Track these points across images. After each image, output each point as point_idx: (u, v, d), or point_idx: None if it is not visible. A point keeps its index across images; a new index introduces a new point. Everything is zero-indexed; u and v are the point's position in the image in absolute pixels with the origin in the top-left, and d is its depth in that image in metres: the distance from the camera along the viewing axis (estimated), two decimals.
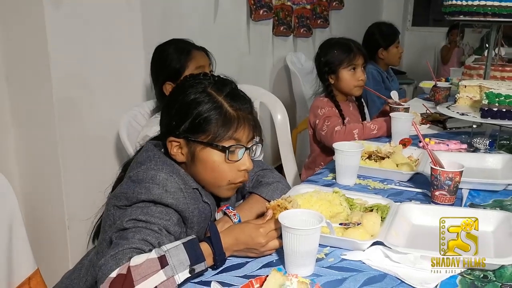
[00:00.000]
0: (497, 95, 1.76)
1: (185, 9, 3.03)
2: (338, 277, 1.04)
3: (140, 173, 1.14)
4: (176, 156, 1.20)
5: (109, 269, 0.95)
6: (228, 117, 1.17)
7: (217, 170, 1.18)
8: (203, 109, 1.16)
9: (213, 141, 1.16)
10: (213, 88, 1.19)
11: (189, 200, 1.15)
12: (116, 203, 1.17)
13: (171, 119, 1.21)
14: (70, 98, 2.10)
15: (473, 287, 0.99)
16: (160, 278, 0.94)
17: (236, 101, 1.20)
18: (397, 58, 3.34)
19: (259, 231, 1.08)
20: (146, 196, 1.10)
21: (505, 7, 1.97)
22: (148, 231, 1.04)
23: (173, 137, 1.19)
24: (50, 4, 1.97)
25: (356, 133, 2.03)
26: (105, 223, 1.22)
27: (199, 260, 0.99)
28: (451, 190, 1.35)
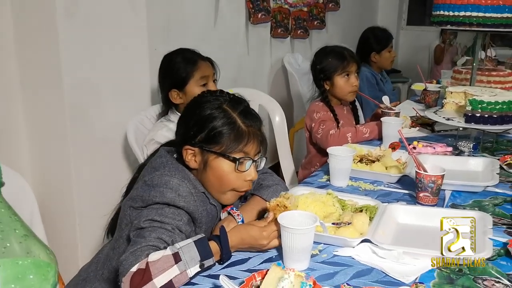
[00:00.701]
0: (480, 102, 1.89)
1: (187, 16, 3.15)
2: (330, 271, 1.17)
3: (155, 178, 1.27)
4: (190, 162, 1.34)
5: (129, 264, 1.08)
6: (240, 132, 1.31)
7: (225, 178, 1.32)
8: (219, 124, 1.30)
9: (225, 152, 1.30)
10: (228, 105, 1.34)
11: (198, 203, 1.28)
12: (132, 205, 1.30)
13: (189, 130, 1.34)
14: (81, 102, 2.21)
15: (449, 279, 1.13)
16: (174, 272, 1.07)
17: (248, 119, 1.34)
18: (389, 62, 3.46)
19: (263, 234, 1.21)
20: (160, 199, 1.23)
21: (489, 17, 2.10)
22: (163, 230, 1.17)
23: (189, 145, 1.33)
24: (62, 14, 2.08)
25: (349, 136, 2.16)
26: (121, 221, 1.35)
27: (208, 256, 1.12)
28: (433, 192, 1.48)
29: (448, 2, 2.17)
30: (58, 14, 2.07)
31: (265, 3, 3.86)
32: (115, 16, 2.30)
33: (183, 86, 2.05)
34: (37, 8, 2.10)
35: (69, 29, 2.11)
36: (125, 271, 1.08)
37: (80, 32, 2.16)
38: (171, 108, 2.15)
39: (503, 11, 2.09)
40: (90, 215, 2.31)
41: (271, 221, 1.24)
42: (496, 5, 2.08)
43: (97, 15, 2.22)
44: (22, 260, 0.57)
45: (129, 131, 2.21)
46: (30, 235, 0.59)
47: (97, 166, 2.34)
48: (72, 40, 2.13)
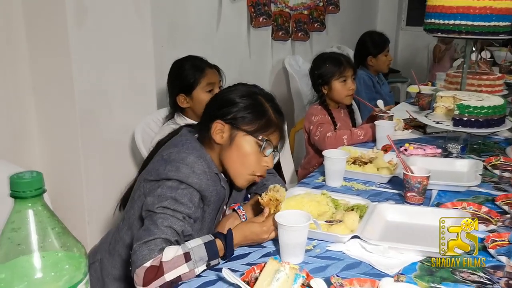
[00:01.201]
0: (467, 107, 2.01)
1: (190, 21, 3.28)
2: (323, 264, 1.29)
3: (173, 154, 1.37)
4: (216, 137, 1.43)
5: (143, 256, 1.19)
6: (271, 120, 1.45)
7: (248, 157, 1.43)
8: (254, 108, 1.44)
9: (255, 133, 1.42)
10: (262, 97, 1.47)
11: (210, 182, 1.39)
12: (146, 177, 1.40)
13: (222, 106, 1.45)
14: (91, 107, 2.31)
15: (429, 272, 1.25)
16: (184, 269, 1.19)
17: (278, 113, 1.48)
18: (386, 66, 3.57)
19: (263, 229, 1.34)
20: (175, 174, 1.33)
21: (476, 26, 2.21)
22: (174, 220, 1.27)
23: (221, 120, 1.43)
24: (73, 23, 2.19)
25: (345, 138, 2.28)
26: (134, 193, 1.46)
27: (215, 257, 1.25)
28: (420, 191, 1.60)
29: (438, 11, 2.29)
30: (68, 23, 2.17)
31: (266, 8, 3.98)
32: (122, 24, 2.41)
33: (190, 91, 2.17)
34: (49, 17, 2.21)
35: (79, 37, 2.22)
36: (139, 263, 1.19)
37: (89, 40, 2.27)
38: (178, 112, 2.27)
39: (491, 19, 2.21)
40: (99, 212, 2.43)
41: (268, 216, 1.36)
42: (484, 14, 2.19)
43: (105, 23, 2.33)
44: (60, 253, 0.69)
45: (136, 134, 2.33)
46: (65, 232, 0.71)
47: (106, 167, 2.45)
48: (82, 47, 2.24)
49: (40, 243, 0.68)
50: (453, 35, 2.28)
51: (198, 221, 1.40)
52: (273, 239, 1.37)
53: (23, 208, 0.67)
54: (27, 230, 0.67)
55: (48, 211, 0.69)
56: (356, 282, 1.17)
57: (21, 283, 0.67)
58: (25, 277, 0.67)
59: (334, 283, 1.15)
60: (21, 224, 0.67)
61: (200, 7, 3.39)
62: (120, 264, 1.47)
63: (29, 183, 0.66)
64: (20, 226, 0.67)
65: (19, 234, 0.67)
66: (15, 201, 0.67)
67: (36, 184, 0.66)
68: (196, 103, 2.18)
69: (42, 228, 0.68)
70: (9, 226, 0.67)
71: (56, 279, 0.68)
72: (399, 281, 1.17)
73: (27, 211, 0.67)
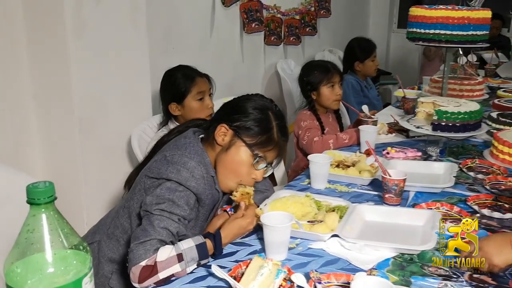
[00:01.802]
0: (445, 112, 2.13)
1: (184, 29, 3.39)
2: (304, 260, 1.41)
3: (176, 157, 1.47)
4: (218, 138, 1.53)
5: (139, 256, 1.30)
6: (271, 139, 1.54)
7: (239, 166, 1.53)
8: (259, 123, 1.53)
9: (252, 146, 1.52)
10: (272, 114, 1.57)
11: (207, 186, 1.50)
12: (148, 174, 1.51)
13: (231, 112, 1.56)
14: (89, 114, 2.42)
15: (401, 267, 1.37)
16: (176, 269, 1.31)
17: (282, 132, 1.58)
18: (373, 70, 3.69)
19: (247, 221, 1.47)
20: (175, 176, 1.43)
21: (455, 35, 2.33)
22: (170, 221, 1.38)
23: (226, 124, 1.53)
24: (72, 34, 2.30)
25: (331, 143, 2.40)
26: (136, 186, 1.56)
27: (205, 257, 1.36)
28: (397, 193, 1.73)
29: (420, 20, 2.40)
30: (68, 34, 2.29)
31: (259, 14, 4.10)
32: (119, 35, 2.52)
33: (182, 100, 2.29)
34: (49, 30, 2.32)
35: (78, 48, 2.32)
36: (135, 261, 1.30)
37: (87, 50, 2.37)
38: (171, 119, 2.38)
39: (469, 29, 2.32)
40: (97, 214, 2.53)
41: (245, 208, 1.49)
42: (462, 24, 2.31)
43: (103, 35, 2.43)
44: (68, 250, 0.82)
45: (133, 139, 2.44)
46: (73, 233, 0.83)
47: (103, 171, 2.56)
48: (81, 58, 2.34)
49: (52, 242, 0.80)
50: (434, 43, 2.40)
51: (192, 220, 1.52)
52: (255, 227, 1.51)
53: (38, 213, 0.79)
54: (41, 231, 0.79)
55: (58, 215, 0.81)
56: (333, 276, 1.29)
57: (35, 277, 0.79)
58: (38, 271, 0.79)
59: (313, 277, 1.27)
60: (35, 226, 0.79)
61: (194, 14, 3.51)
62: (116, 248, 1.58)
63: (43, 192, 0.78)
64: (35, 228, 0.79)
65: (34, 235, 0.79)
66: (31, 207, 0.79)
67: (49, 193, 0.78)
68: (187, 111, 2.29)
69: (53, 230, 0.80)
70: (25, 228, 0.79)
71: (65, 273, 0.80)
72: (371, 275, 1.29)
73: (41, 215, 0.79)
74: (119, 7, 2.50)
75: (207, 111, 2.30)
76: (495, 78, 4.08)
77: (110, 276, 1.58)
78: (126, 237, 1.56)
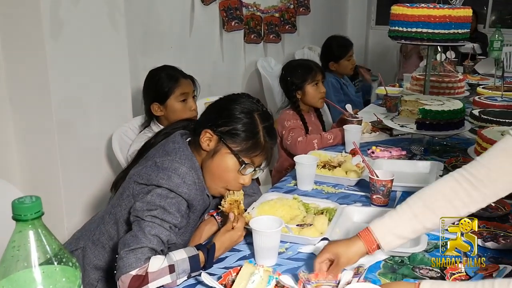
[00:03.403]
0: (428, 111, 2.14)
1: (164, 27, 3.35)
2: (295, 265, 1.39)
3: (166, 162, 1.43)
4: (203, 143, 1.49)
5: (129, 265, 1.26)
6: (258, 144, 1.49)
7: (226, 173, 1.49)
8: (245, 128, 1.48)
9: (238, 153, 1.47)
10: (259, 116, 1.51)
11: (198, 192, 1.46)
12: (137, 180, 1.45)
13: (217, 118, 1.50)
14: (68, 116, 2.36)
15: (392, 269, 1.36)
16: (167, 280, 1.27)
17: (270, 135, 1.53)
18: (349, 69, 3.66)
19: (238, 234, 1.44)
20: (166, 182, 1.39)
21: (437, 33, 2.34)
22: (161, 229, 1.34)
23: (211, 130, 1.48)
24: (49, 35, 2.24)
25: (315, 143, 2.39)
26: (123, 191, 1.51)
27: (197, 270, 1.32)
28: (384, 194, 1.72)
29: (401, 19, 2.41)
30: (45, 34, 2.23)
31: (238, 12, 4.07)
32: (97, 35, 2.46)
33: (164, 100, 2.24)
34: (25, 29, 2.26)
35: (55, 48, 2.26)
36: (125, 270, 1.26)
37: (65, 51, 2.31)
38: (153, 120, 2.34)
39: (450, 27, 2.34)
40: (78, 220, 2.49)
41: (234, 220, 1.46)
42: (443, 22, 2.32)
43: (81, 35, 2.38)
44: (57, 267, 0.78)
45: (113, 141, 2.38)
46: (62, 249, 0.79)
47: (83, 174, 2.50)
48: (59, 58, 2.28)
49: (39, 259, 0.76)
50: (416, 42, 2.40)
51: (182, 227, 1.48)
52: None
53: (24, 229, 0.75)
54: (28, 248, 0.75)
55: (46, 230, 0.77)
56: (321, 275, 1.27)
57: None
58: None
59: (301, 277, 1.25)
60: (21, 243, 0.75)
61: (173, 13, 3.47)
62: (102, 255, 1.54)
63: (29, 208, 0.74)
64: (21, 245, 0.75)
65: (21, 252, 0.75)
66: (17, 223, 0.75)
67: (35, 208, 0.74)
68: (170, 112, 2.25)
69: (41, 246, 0.76)
70: (11, 245, 0.75)
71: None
72: (358, 272, 1.27)
73: (28, 232, 0.75)
74: (98, 7, 2.45)
75: (189, 113, 2.26)
76: (474, 75, 4.12)
77: (96, 284, 1.54)
78: (112, 244, 1.52)
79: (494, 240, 1.49)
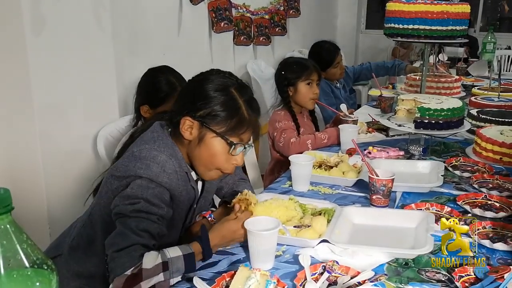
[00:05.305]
0: (427, 109, 2.06)
1: (151, 27, 3.25)
2: (292, 269, 1.30)
3: (144, 151, 1.32)
4: (185, 133, 1.37)
5: (123, 264, 1.15)
6: (243, 120, 1.38)
7: (216, 157, 1.38)
8: (224, 106, 1.35)
9: (224, 134, 1.36)
10: (236, 90, 1.39)
11: (180, 182, 1.36)
12: (114, 173, 1.35)
13: (193, 102, 1.37)
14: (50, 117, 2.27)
15: (396, 272, 1.28)
16: (160, 278, 1.17)
17: (252, 108, 1.41)
18: (338, 75, 3.51)
19: (239, 226, 1.34)
20: (144, 172, 1.29)
21: (434, 30, 2.27)
22: (149, 222, 1.24)
23: (190, 117, 1.36)
24: (30, 32, 2.14)
25: (309, 143, 2.30)
26: (102, 188, 1.40)
27: (192, 270, 1.23)
28: (385, 194, 1.63)
29: (397, 15, 2.33)
30: (26, 32, 2.13)
31: (227, 12, 3.99)
32: (82, 32, 2.37)
33: (157, 106, 2.12)
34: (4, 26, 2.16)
35: (37, 46, 2.17)
36: (119, 271, 1.15)
37: (48, 49, 2.22)
38: (141, 120, 2.23)
39: (448, 24, 2.27)
40: (61, 223, 2.37)
41: (238, 211, 1.37)
42: (441, 18, 2.25)
43: (64, 32, 2.29)
44: (30, 271, 0.68)
45: (99, 143, 2.29)
46: (34, 249, 0.69)
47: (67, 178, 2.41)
48: (41, 57, 2.19)
49: (9, 260, 0.66)
50: (412, 39, 2.33)
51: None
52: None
53: None
54: None
55: (16, 228, 0.67)
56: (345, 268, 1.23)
57: None
58: None
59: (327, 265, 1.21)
60: None
61: (160, 13, 3.37)
62: (83, 261, 1.44)
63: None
64: None
65: None
66: None
67: (4, 202, 0.64)
68: None
69: (11, 246, 0.66)
70: None
71: None
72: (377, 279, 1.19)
73: None
74: (82, 3, 2.35)
75: None
76: (468, 77, 4.07)
77: None
78: (93, 248, 1.42)
79: (502, 241, 1.41)
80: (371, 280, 1.22)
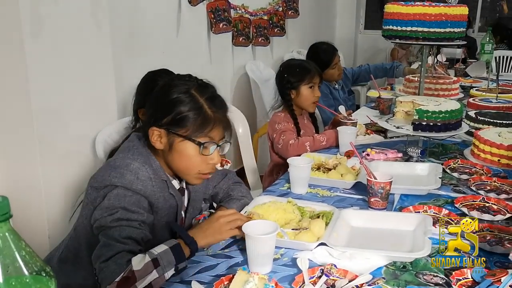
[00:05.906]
0: (425, 111, 2.06)
1: (149, 28, 3.25)
2: (291, 272, 1.30)
3: (118, 160, 1.35)
4: (156, 144, 1.40)
5: (112, 272, 1.17)
6: (206, 118, 1.38)
7: (190, 161, 1.40)
8: (186, 108, 1.37)
9: (191, 136, 1.37)
10: (196, 90, 1.40)
11: (156, 189, 1.37)
12: (92, 184, 1.37)
13: (156, 111, 1.40)
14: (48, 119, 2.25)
15: (394, 276, 1.28)
16: (154, 276, 1.18)
17: (215, 104, 1.41)
18: (336, 76, 3.51)
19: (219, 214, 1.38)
20: (119, 180, 1.31)
21: (433, 32, 2.28)
22: (131, 229, 1.26)
23: (155, 127, 1.39)
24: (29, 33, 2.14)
25: (308, 145, 2.30)
26: (84, 200, 1.42)
27: (182, 259, 1.24)
28: (383, 196, 1.64)
29: (396, 18, 2.34)
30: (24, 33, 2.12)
31: (226, 13, 3.99)
32: (80, 34, 2.36)
33: None
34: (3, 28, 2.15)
35: (35, 48, 2.15)
36: (110, 279, 1.17)
37: (46, 51, 2.21)
38: (139, 122, 2.23)
39: (446, 26, 2.28)
40: (60, 226, 2.38)
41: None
42: (439, 20, 2.26)
43: (63, 34, 2.28)
44: (29, 278, 0.68)
45: (97, 145, 2.29)
46: (32, 256, 0.70)
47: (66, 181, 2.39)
48: (39, 58, 2.18)
49: (8, 268, 0.67)
50: (411, 41, 2.34)
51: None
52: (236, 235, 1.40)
53: None
54: None
55: (14, 235, 0.68)
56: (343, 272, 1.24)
57: None
58: None
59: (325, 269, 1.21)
60: None
61: (159, 13, 3.37)
62: (73, 273, 1.45)
63: None
64: None
65: None
66: None
67: (2, 210, 0.65)
68: None
69: (9, 254, 0.67)
70: None
71: None
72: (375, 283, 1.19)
73: None
74: (80, 6, 2.34)
75: None
76: (466, 78, 4.08)
77: None
78: (80, 261, 1.43)
79: (499, 244, 1.41)
80: (369, 284, 1.23)
